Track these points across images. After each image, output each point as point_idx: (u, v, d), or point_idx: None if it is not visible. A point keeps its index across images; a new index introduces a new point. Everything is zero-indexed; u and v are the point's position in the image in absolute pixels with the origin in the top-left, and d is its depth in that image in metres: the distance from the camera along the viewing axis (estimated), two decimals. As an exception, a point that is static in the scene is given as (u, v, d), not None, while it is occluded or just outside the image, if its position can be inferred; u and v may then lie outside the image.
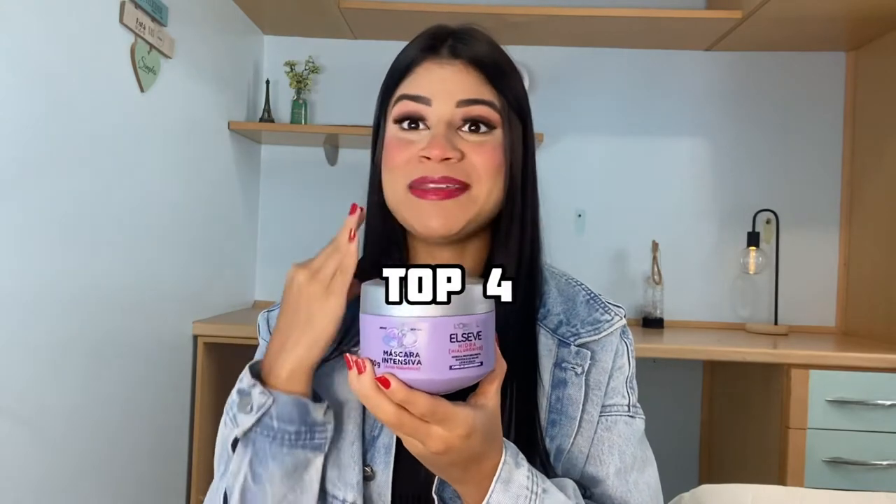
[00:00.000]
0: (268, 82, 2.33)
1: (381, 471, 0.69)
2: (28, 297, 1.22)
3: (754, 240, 2.28)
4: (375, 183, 0.75)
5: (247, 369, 0.66)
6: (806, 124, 2.38)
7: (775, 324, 2.29)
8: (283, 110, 2.41)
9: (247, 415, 0.63)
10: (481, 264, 0.76)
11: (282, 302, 0.67)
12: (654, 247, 2.38)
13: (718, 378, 2.39)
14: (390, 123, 0.72)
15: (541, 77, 2.42)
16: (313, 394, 0.67)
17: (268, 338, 0.78)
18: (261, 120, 2.29)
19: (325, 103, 2.45)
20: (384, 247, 0.75)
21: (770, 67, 2.39)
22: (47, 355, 1.28)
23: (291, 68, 2.33)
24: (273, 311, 0.80)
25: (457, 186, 0.68)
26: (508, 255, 0.73)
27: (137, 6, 1.50)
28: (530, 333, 0.73)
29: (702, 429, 2.45)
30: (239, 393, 0.65)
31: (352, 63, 2.42)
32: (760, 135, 2.40)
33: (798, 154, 2.39)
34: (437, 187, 0.68)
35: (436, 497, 0.68)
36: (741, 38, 2.24)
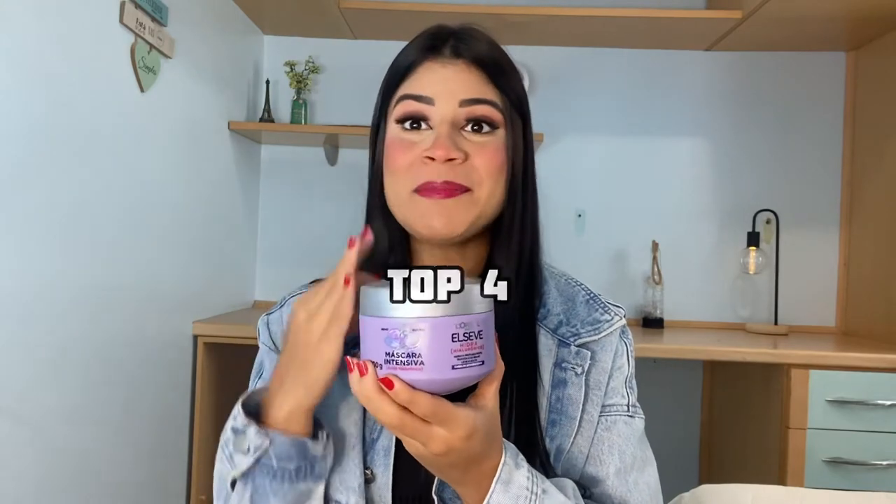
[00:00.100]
0: (268, 82, 2.33)
1: (381, 473, 0.69)
2: (28, 297, 1.22)
3: (754, 240, 2.28)
4: (376, 184, 0.74)
5: (239, 407, 0.64)
6: (806, 124, 2.38)
7: (775, 324, 2.29)
8: (283, 110, 2.41)
9: (244, 455, 0.62)
10: (481, 265, 0.76)
11: (284, 336, 0.65)
12: (654, 247, 2.38)
13: (718, 378, 2.39)
14: (391, 124, 0.72)
15: (541, 77, 2.42)
16: (314, 420, 0.65)
17: (268, 342, 0.78)
18: (261, 120, 2.29)
19: (325, 103, 2.45)
20: (385, 248, 0.75)
21: (770, 67, 2.39)
22: (47, 355, 1.28)
23: (291, 68, 2.33)
24: (273, 313, 0.79)
25: (460, 189, 0.68)
26: (509, 256, 0.73)
27: (137, 6, 1.50)
28: (530, 333, 0.73)
29: (702, 429, 2.45)
30: (234, 431, 0.64)
31: (352, 63, 2.42)
32: (760, 135, 2.40)
33: (798, 154, 2.39)
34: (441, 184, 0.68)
35: (436, 498, 0.68)
36: (741, 38, 2.24)
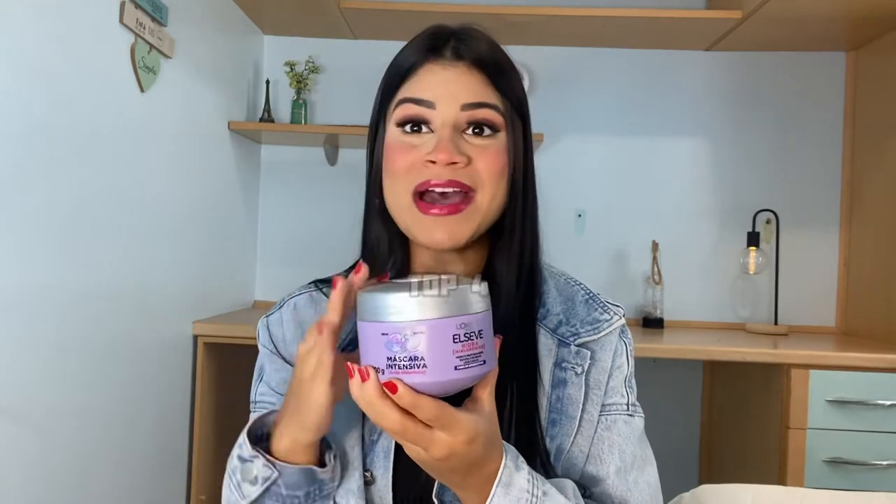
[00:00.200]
0: (268, 82, 2.33)
1: (380, 475, 0.69)
2: (28, 297, 1.22)
3: (754, 240, 2.28)
4: (375, 185, 0.74)
5: (244, 437, 0.64)
6: (806, 124, 2.38)
7: (775, 324, 2.29)
8: (283, 110, 2.41)
9: (252, 485, 0.63)
10: (481, 266, 0.75)
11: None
12: (654, 247, 2.38)
13: (718, 378, 2.39)
14: (391, 126, 0.71)
15: (541, 77, 2.42)
16: (323, 441, 0.65)
17: (268, 344, 0.77)
18: (261, 120, 2.29)
19: (325, 103, 2.45)
20: (384, 250, 0.74)
21: (770, 67, 2.39)
22: (47, 355, 1.28)
23: (291, 68, 2.33)
24: (272, 314, 0.79)
25: (461, 193, 0.67)
26: (509, 258, 0.73)
27: (137, 6, 1.50)
28: (530, 333, 0.73)
29: (702, 429, 2.45)
30: (240, 459, 0.64)
31: (352, 63, 2.42)
32: (760, 135, 2.40)
33: (798, 154, 2.39)
34: (444, 192, 0.67)
35: (436, 501, 0.68)
36: (741, 38, 2.24)
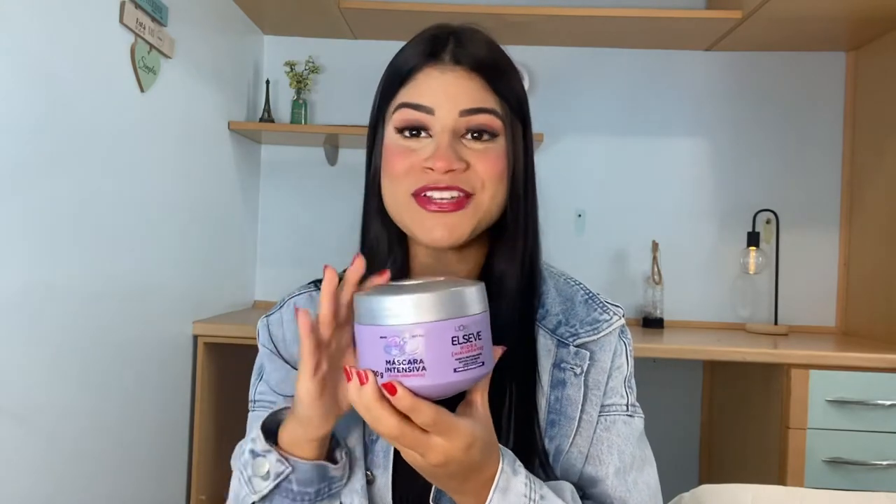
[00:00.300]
0: (268, 82, 2.33)
1: (380, 474, 0.69)
2: (28, 297, 1.22)
3: (754, 240, 2.28)
4: (374, 186, 0.74)
5: (259, 431, 0.64)
6: (806, 124, 2.38)
7: (775, 324, 2.29)
8: (283, 110, 2.41)
9: (264, 480, 0.63)
10: (480, 265, 0.75)
11: None
12: (654, 247, 2.38)
13: (718, 378, 2.39)
14: (390, 129, 0.71)
15: (541, 77, 2.42)
16: (332, 439, 0.66)
17: (267, 344, 0.77)
18: (261, 120, 2.29)
19: (325, 103, 2.45)
20: (383, 249, 0.74)
21: (770, 67, 2.39)
22: (47, 355, 1.28)
23: (291, 68, 2.33)
24: (272, 314, 0.79)
25: (462, 195, 0.67)
26: (509, 258, 0.73)
27: (137, 6, 1.50)
28: (529, 334, 0.73)
29: (702, 429, 2.45)
30: (252, 454, 0.63)
31: (352, 63, 2.42)
32: (760, 135, 2.40)
33: (798, 154, 2.39)
34: (442, 198, 0.67)
35: None
36: (741, 38, 2.24)
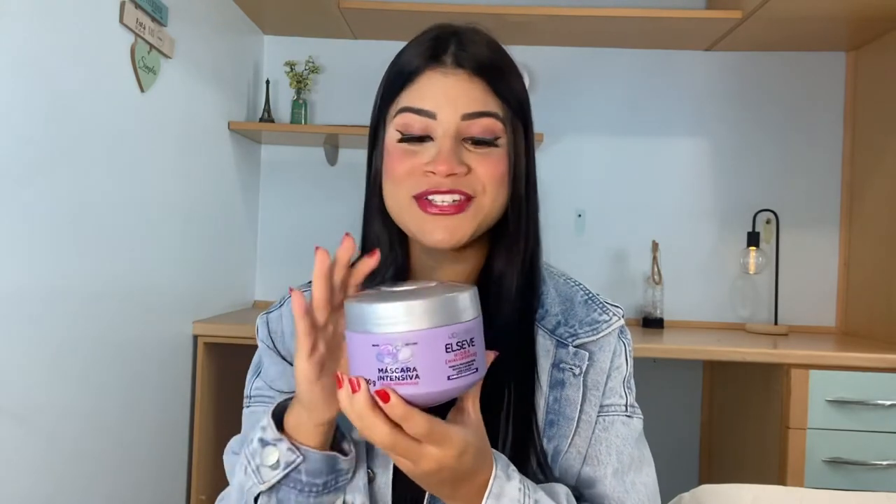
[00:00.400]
0: (268, 82, 2.33)
1: (380, 472, 0.69)
2: (28, 297, 1.22)
3: (754, 240, 2.28)
4: (375, 186, 0.74)
5: (270, 419, 0.63)
6: (806, 124, 2.38)
7: (775, 324, 2.29)
8: (283, 110, 2.41)
9: (273, 470, 0.62)
10: (480, 266, 0.75)
11: None
12: (654, 247, 2.38)
13: (718, 378, 2.39)
14: (391, 131, 0.71)
15: (541, 77, 2.42)
16: (338, 431, 0.65)
17: (266, 340, 0.77)
18: (261, 120, 2.29)
19: (325, 103, 2.45)
20: (383, 251, 0.74)
21: (770, 67, 2.39)
22: (47, 355, 1.28)
23: (291, 68, 2.33)
24: (272, 312, 0.79)
25: (463, 198, 0.67)
26: (509, 259, 0.73)
27: (137, 6, 1.50)
28: (528, 335, 0.73)
29: (702, 429, 2.45)
30: (261, 442, 0.63)
31: (352, 63, 2.42)
32: (760, 135, 2.40)
33: (798, 154, 2.39)
34: (443, 201, 0.67)
35: None
36: (741, 38, 2.24)
